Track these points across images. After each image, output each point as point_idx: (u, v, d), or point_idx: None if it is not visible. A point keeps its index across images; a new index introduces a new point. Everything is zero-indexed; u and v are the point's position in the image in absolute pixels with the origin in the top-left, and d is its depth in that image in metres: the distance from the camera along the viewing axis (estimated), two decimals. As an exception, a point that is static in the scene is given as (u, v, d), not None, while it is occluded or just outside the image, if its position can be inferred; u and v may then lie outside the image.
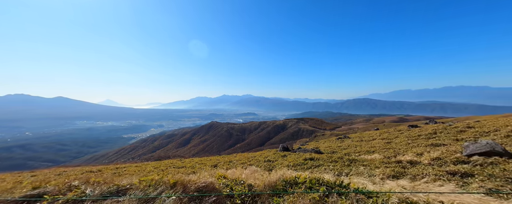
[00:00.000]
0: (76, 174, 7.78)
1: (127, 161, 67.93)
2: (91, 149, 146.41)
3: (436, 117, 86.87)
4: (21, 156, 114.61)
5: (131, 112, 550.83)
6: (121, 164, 10.90)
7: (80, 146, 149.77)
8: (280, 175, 2.19)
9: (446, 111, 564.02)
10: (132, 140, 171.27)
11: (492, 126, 8.13)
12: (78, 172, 8.07)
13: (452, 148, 5.57)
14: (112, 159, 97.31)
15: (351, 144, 10.40)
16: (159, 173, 2.15)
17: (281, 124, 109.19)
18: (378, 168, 4.70)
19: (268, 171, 5.93)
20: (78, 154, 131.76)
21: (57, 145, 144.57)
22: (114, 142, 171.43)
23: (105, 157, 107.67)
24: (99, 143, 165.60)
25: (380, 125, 65.66)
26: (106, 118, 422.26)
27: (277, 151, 10.67)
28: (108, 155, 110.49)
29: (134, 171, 7.77)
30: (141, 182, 1.76)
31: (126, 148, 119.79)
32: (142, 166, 9.42)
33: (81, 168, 9.44)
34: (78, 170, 8.63)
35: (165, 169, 7.66)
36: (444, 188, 2.75)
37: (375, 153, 6.84)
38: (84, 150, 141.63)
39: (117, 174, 7.32)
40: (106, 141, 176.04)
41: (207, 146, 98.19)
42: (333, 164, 5.71)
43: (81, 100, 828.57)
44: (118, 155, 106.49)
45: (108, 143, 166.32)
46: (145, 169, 8.17)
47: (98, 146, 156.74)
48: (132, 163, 12.12)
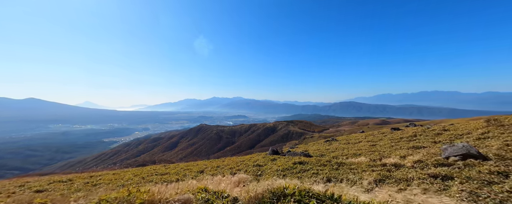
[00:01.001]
0: (42, 184, 6.92)
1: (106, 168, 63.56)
2: (66, 155, 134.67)
3: (414, 120, 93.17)
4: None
5: (113, 115, 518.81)
6: (97, 172, 9.98)
7: (53, 151, 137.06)
8: (267, 185, 2.02)
9: (423, 114, 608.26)
10: (114, 144, 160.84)
11: (464, 129, 8.75)
12: (44, 183, 7.20)
13: (432, 151, 5.84)
14: (90, 166, 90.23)
15: (338, 146, 10.59)
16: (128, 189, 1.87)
17: (271, 126, 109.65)
18: (365, 172, 4.74)
19: (257, 176, 5.74)
20: (51, 161, 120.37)
21: (27, 151, 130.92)
22: (93, 147, 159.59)
23: (81, 163, 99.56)
24: (75, 148, 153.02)
25: (365, 128, 68.72)
26: (85, 121, 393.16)
27: (267, 154, 10.52)
28: (86, 161, 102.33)
29: (110, 179, 7.12)
30: (101, 201, 1.47)
31: (107, 153, 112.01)
32: (120, 173, 8.70)
33: (49, 178, 8.46)
34: (44, 180, 7.71)
35: (146, 177, 7.11)
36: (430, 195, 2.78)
37: (361, 156, 6.97)
38: (57, 156, 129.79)
39: (90, 184, 6.64)
40: (83, 146, 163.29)
41: (195, 150, 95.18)
42: (322, 168, 5.69)
43: (56, 102, 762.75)
44: (97, 161, 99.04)
45: (86, 148, 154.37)
46: (124, 177, 7.53)
47: (75, 151, 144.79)
48: (110, 170, 11.19)
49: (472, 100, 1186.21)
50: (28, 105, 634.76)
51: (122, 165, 63.68)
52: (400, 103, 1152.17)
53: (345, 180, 4.16)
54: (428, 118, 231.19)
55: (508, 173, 3.38)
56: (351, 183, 3.94)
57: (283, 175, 5.38)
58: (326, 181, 4.18)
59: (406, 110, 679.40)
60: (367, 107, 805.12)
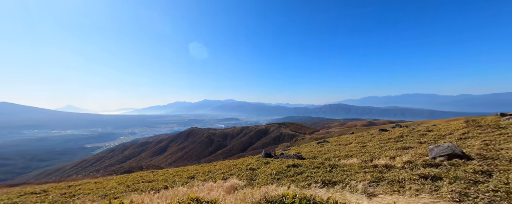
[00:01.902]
0: (10, 197, 6.20)
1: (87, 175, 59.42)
2: (42, 163, 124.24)
3: (398, 121, 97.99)
4: None
5: (96, 119, 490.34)
6: (76, 180, 9.19)
7: (27, 159, 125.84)
8: (264, 193, 1.90)
9: (406, 116, 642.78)
10: (97, 150, 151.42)
11: (446, 129, 9.26)
12: (13, 195, 6.46)
13: (419, 151, 6.06)
14: (69, 174, 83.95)
15: (330, 148, 10.73)
16: (110, 202, 1.64)
17: (263, 129, 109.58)
18: (358, 174, 4.77)
19: (251, 181, 5.58)
20: (25, 170, 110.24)
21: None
22: (73, 154, 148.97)
23: (60, 171, 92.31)
24: (53, 155, 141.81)
25: (353, 129, 71.01)
26: (65, 126, 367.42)
27: (260, 157, 10.38)
28: (64, 169, 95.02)
29: (91, 189, 6.56)
30: None
31: (89, 159, 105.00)
32: (103, 182, 8.08)
33: (20, 189, 7.63)
34: (14, 192, 6.93)
35: (131, 185, 6.64)
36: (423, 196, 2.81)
37: (353, 158, 7.08)
38: (33, 165, 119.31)
39: (68, 195, 6.06)
40: (63, 152, 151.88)
41: (185, 154, 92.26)
42: (316, 170, 5.66)
43: (32, 106, 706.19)
44: (77, 168, 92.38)
45: (66, 155, 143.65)
46: (107, 185, 6.99)
47: (53, 158, 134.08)
48: (92, 178, 10.38)
49: (449, 102, 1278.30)
50: (2, 110, 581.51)
51: (106, 172, 59.98)
52: (385, 105, 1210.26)
53: (340, 183, 4.14)
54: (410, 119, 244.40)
55: (490, 172, 3.55)
56: (346, 186, 3.93)
57: (277, 179, 5.27)
58: (321, 184, 4.13)
59: (391, 112, 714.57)
60: (355, 109, 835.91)
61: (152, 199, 2.37)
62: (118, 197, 4.90)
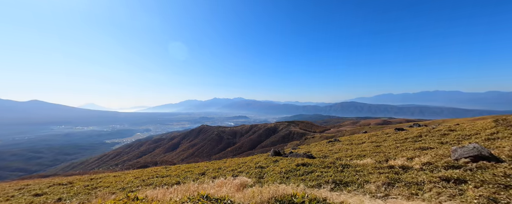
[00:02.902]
0: (41, 187, 6.84)
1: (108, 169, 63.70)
2: (68, 156, 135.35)
3: (416, 120, 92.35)
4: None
5: (115, 116, 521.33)
6: (97, 174, 9.89)
7: (56, 153, 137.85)
8: (273, 192, 1.88)
9: (424, 114, 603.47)
10: (116, 146, 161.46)
11: (472, 129, 8.53)
12: (44, 185, 7.11)
13: (440, 152, 5.65)
14: (92, 167, 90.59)
15: (342, 147, 10.41)
16: (126, 195, 1.75)
17: (272, 127, 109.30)
18: (372, 174, 4.58)
19: (259, 179, 5.59)
20: (54, 162, 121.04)
21: (29, 152, 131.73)
22: (95, 148, 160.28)
23: (84, 164, 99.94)
24: (78, 149, 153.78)
25: (367, 127, 68.26)
26: (87, 123, 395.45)
27: (269, 156, 10.37)
28: (88, 162, 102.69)
29: (111, 182, 7.01)
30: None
31: (109, 154, 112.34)
32: (121, 175, 8.59)
33: (49, 180, 8.38)
34: (45, 183, 7.63)
35: (146, 179, 6.99)
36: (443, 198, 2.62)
37: (366, 158, 6.80)
38: (60, 158, 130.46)
39: (90, 187, 6.54)
40: (86, 147, 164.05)
41: (197, 150, 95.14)
42: (326, 170, 5.53)
43: (59, 104, 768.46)
44: (99, 162, 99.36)
45: (88, 150, 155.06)
46: (125, 179, 7.42)
47: (77, 152, 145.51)
48: (111, 172, 11.09)
49: (474, 100, 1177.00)
50: (32, 107, 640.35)
51: (124, 167, 63.83)
52: (402, 103, 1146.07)
53: (352, 184, 4.00)
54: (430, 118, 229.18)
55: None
56: (358, 186, 3.78)
57: (286, 178, 5.23)
58: (332, 185, 4.02)
59: (408, 110, 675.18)
60: (368, 107, 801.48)
61: (165, 194, 2.47)
62: (134, 190, 5.19)
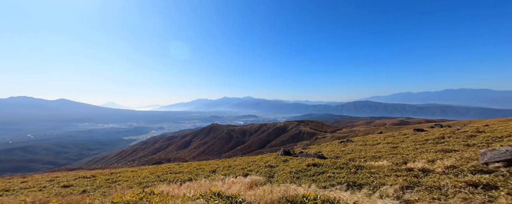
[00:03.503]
0: (69, 180, 7.46)
1: (126, 164, 67.42)
2: (91, 151, 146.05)
3: (438, 120, 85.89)
4: (22, 158, 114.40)
5: (132, 114, 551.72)
6: (117, 169, 10.56)
7: (80, 148, 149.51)
8: (283, 191, 1.87)
9: (447, 114, 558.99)
10: (133, 142, 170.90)
11: (504, 130, 7.75)
12: (71, 178, 7.75)
13: (466, 155, 5.21)
14: (112, 162, 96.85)
15: (355, 148, 10.02)
16: (143, 190, 1.85)
17: (281, 126, 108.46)
18: (388, 177, 4.35)
19: (269, 178, 5.59)
20: (79, 157, 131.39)
21: (58, 147, 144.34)
22: (114, 144, 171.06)
23: (105, 159, 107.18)
24: (99, 145, 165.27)
25: (382, 128, 65.04)
26: (107, 120, 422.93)
27: (278, 155, 10.31)
28: (108, 157, 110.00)
29: (129, 176, 7.44)
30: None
31: (127, 150, 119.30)
32: (138, 171, 9.08)
33: (75, 173, 9.11)
34: (71, 175, 8.31)
35: (161, 175, 7.32)
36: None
37: (382, 159, 6.48)
38: (84, 153, 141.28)
39: (111, 181, 7.00)
40: (107, 143, 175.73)
41: (207, 148, 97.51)
42: (338, 171, 5.37)
43: (83, 103, 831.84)
44: (118, 158, 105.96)
45: (108, 146, 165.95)
46: (141, 174, 7.84)
47: (99, 148, 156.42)
48: (128, 167, 11.78)
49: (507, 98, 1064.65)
50: (60, 106, 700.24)
51: (140, 162, 67.34)
52: (421, 102, 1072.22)
53: (366, 186, 3.83)
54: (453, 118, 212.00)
55: None
56: (374, 189, 3.61)
57: (296, 178, 5.16)
58: (345, 186, 3.89)
59: (428, 110, 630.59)
60: (383, 107, 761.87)
61: (179, 190, 2.57)
62: (150, 185, 5.47)
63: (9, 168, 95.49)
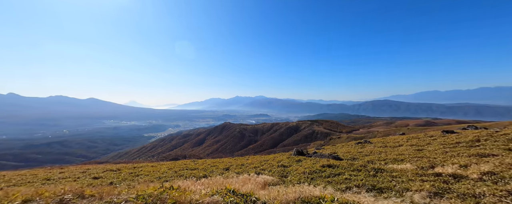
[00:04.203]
0: (98, 172, 8.21)
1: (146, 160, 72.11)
2: (116, 146, 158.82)
3: (471, 121, 77.13)
4: (59, 151, 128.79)
5: (151, 113, 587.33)
6: (138, 163, 11.36)
7: (107, 143, 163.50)
8: (298, 192, 1.83)
9: (483, 115, 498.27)
10: (152, 139, 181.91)
11: (557, 133, 6.68)
12: (100, 170, 8.51)
13: (507, 160, 4.61)
14: (134, 157, 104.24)
15: (373, 150, 9.46)
16: (162, 184, 1.96)
17: (294, 125, 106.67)
18: (412, 181, 4.03)
19: (282, 178, 5.54)
20: (106, 151, 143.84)
21: (88, 142, 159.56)
22: (136, 141, 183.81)
23: (128, 154, 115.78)
24: (123, 141, 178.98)
25: (404, 129, 60.46)
26: (130, 118, 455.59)
27: (291, 155, 10.16)
28: (131, 152, 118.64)
29: (149, 171, 7.94)
30: (138, 196, 1.57)
31: (147, 146, 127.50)
32: (157, 166, 9.66)
33: (103, 166, 9.99)
34: (100, 168, 9.12)
35: (178, 171, 7.69)
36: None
37: (405, 163, 6.02)
38: (110, 148, 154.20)
39: (134, 174, 7.54)
40: (129, 139, 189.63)
41: (220, 146, 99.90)
42: (356, 173, 5.12)
43: (109, 101, 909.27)
44: (139, 153, 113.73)
45: (131, 141, 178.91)
46: (160, 169, 8.32)
47: (123, 144, 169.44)
48: (149, 163, 12.59)
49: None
50: (89, 104, 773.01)
51: (159, 158, 71.46)
52: (451, 101, 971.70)
53: (388, 190, 3.59)
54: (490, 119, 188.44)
55: None
56: (396, 194, 3.37)
57: (311, 179, 5.04)
58: (363, 189, 3.68)
59: (459, 110, 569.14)
60: (406, 106, 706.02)
61: (195, 186, 2.68)
62: (168, 180, 5.79)
63: (49, 159, 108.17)
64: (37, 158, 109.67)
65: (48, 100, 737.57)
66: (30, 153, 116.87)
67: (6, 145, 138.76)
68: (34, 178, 7.21)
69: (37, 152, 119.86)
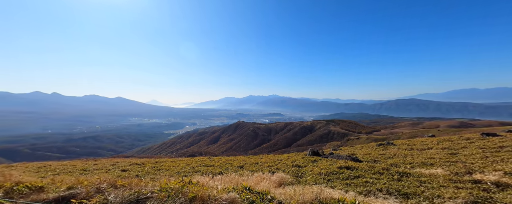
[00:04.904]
0: (125, 165, 9.00)
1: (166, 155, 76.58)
2: (140, 142, 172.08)
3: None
4: (93, 145, 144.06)
5: (170, 111, 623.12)
6: (160, 158, 12.16)
7: (132, 139, 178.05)
8: (316, 194, 1.78)
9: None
10: (171, 136, 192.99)
11: None
12: (126, 164, 9.31)
13: None
14: (155, 152, 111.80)
15: (398, 152, 8.77)
16: (182, 179, 2.08)
17: (308, 125, 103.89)
18: (444, 188, 3.64)
19: (297, 178, 5.44)
20: (131, 146, 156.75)
21: (117, 137, 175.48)
22: (157, 137, 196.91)
23: (150, 150, 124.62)
24: (146, 137, 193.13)
25: (434, 130, 54.90)
26: (151, 116, 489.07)
27: (306, 155, 9.93)
28: (153, 148, 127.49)
29: (170, 166, 8.45)
30: (162, 189, 1.69)
31: (167, 142, 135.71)
32: (176, 161, 10.22)
33: (129, 160, 10.90)
34: (127, 162, 9.97)
35: (195, 167, 8.05)
36: None
37: (435, 167, 5.47)
38: (135, 143, 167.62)
39: (156, 168, 8.10)
40: (151, 135, 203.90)
41: (234, 145, 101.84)
42: (377, 176, 4.80)
43: (134, 100, 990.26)
44: (160, 149, 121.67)
45: (152, 138, 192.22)
46: (179, 165, 8.79)
47: (146, 140, 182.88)
48: (169, 158, 13.39)
49: None
50: (117, 102, 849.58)
51: (177, 154, 75.54)
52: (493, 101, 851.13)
53: (415, 196, 3.30)
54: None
55: None
56: (425, 200, 3.08)
57: (327, 180, 4.86)
58: (386, 194, 3.44)
59: (504, 110, 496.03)
60: (436, 105, 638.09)
61: (212, 182, 2.78)
62: (187, 175, 6.10)
63: (85, 152, 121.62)
64: (75, 150, 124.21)
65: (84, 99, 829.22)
66: (70, 146, 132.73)
67: (51, 138, 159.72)
68: (73, 168, 8.19)
69: (76, 146, 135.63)
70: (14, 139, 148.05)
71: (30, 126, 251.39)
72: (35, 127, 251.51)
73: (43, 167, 8.70)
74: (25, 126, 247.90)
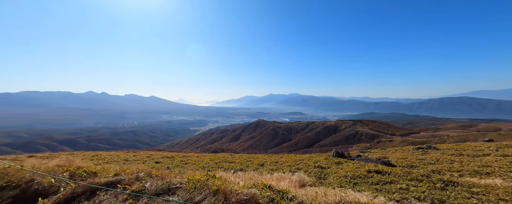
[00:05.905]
0: (158, 158, 10.04)
1: (192, 150, 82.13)
2: (170, 137, 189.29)
3: None
4: (132, 139, 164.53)
5: (195, 109, 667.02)
6: (187, 153, 13.19)
7: (163, 134, 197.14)
8: (340, 197, 1.69)
9: None
10: (196, 133, 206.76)
11: None
12: (159, 156, 10.37)
13: None
14: (182, 147, 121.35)
15: (441, 158, 7.61)
16: (207, 173, 2.24)
17: (332, 125, 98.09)
18: (505, 202, 3.02)
19: (320, 179, 5.22)
20: (163, 141, 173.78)
21: (150, 133, 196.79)
22: (184, 133, 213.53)
23: (178, 145, 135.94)
24: (175, 133, 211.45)
25: (493, 134, 45.65)
26: (179, 113, 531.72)
27: (330, 156, 9.43)
28: (180, 143, 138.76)
29: (195, 160, 9.09)
30: (189, 181, 1.87)
31: (192, 138, 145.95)
32: (201, 156, 10.93)
33: (161, 153, 12.11)
34: (159, 155, 11.10)
35: (218, 162, 8.47)
36: None
37: (493, 177, 4.58)
38: (166, 138, 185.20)
39: (183, 162, 8.81)
40: (179, 132, 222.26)
41: (255, 143, 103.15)
42: (415, 183, 4.26)
43: (164, 99, 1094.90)
44: (186, 144, 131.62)
45: (180, 134, 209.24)
46: (203, 160, 9.38)
47: (174, 135, 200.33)
48: (194, 153, 14.39)
49: None
50: (151, 101, 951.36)
51: (202, 150, 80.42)
52: None
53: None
54: None
55: None
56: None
57: (354, 184, 4.54)
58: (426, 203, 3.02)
59: None
60: (496, 105, 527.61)
61: (233, 177, 2.90)
62: (211, 170, 6.49)
63: (126, 145, 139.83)
64: (119, 143, 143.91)
65: (125, 97, 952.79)
66: (115, 139, 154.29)
67: (101, 131, 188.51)
68: (117, 158, 9.54)
69: (119, 139, 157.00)
70: (75, 131, 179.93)
71: (86, 121, 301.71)
72: (89, 121, 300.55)
73: (95, 156, 10.39)
74: (82, 120, 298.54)
